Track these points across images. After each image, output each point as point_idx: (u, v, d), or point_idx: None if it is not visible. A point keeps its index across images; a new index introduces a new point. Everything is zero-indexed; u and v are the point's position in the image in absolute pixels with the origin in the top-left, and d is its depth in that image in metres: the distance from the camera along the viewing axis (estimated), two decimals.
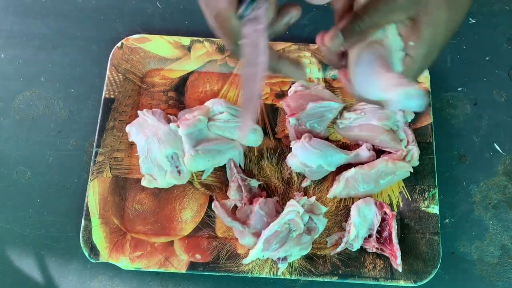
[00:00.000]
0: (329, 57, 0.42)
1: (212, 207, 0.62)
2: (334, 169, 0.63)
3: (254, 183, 0.63)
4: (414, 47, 0.37)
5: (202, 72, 0.70)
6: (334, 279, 0.60)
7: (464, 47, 0.74)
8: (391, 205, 0.64)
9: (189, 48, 0.70)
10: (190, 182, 0.65)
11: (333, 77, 0.70)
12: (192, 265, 0.60)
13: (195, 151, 0.61)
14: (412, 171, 0.63)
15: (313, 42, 0.70)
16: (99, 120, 0.66)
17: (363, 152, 0.64)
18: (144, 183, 0.62)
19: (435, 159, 0.65)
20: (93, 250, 0.60)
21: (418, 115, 0.67)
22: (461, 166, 0.68)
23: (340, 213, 0.64)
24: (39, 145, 0.67)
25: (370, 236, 0.61)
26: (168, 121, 0.65)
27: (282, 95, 0.69)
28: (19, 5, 0.75)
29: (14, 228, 0.64)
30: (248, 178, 0.63)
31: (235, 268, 0.60)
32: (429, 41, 0.36)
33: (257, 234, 0.59)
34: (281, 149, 0.67)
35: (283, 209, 0.59)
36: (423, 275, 0.60)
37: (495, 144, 0.69)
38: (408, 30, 0.37)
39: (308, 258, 0.61)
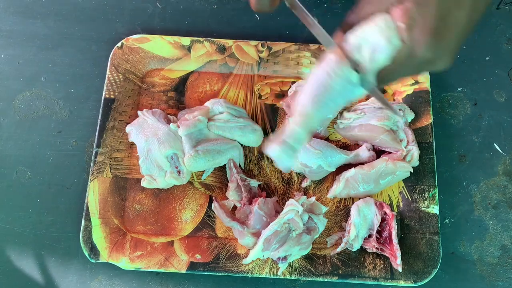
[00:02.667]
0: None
1: (212, 207, 0.62)
2: (334, 170, 0.63)
3: (254, 183, 0.63)
4: (404, 29, 0.36)
5: (202, 72, 0.70)
6: (334, 279, 0.60)
7: (464, 47, 0.74)
8: (391, 205, 0.64)
9: (189, 48, 0.70)
10: (190, 182, 0.65)
11: None
12: (192, 265, 0.60)
13: (195, 151, 0.61)
14: (412, 171, 0.63)
15: (313, 42, 0.70)
16: (99, 120, 0.66)
17: (363, 152, 0.64)
18: (144, 184, 0.62)
19: (435, 159, 0.65)
20: (93, 250, 0.60)
21: (418, 115, 0.67)
22: (461, 166, 0.68)
23: (340, 213, 0.64)
24: (39, 145, 0.67)
25: (370, 236, 0.61)
26: (168, 121, 0.65)
27: (282, 95, 0.69)
28: (19, 5, 0.75)
29: (14, 228, 0.64)
30: (248, 178, 0.63)
31: (235, 268, 0.60)
32: (415, 12, 0.35)
33: (257, 234, 0.59)
34: None
35: (282, 209, 0.59)
36: (423, 275, 0.60)
37: (495, 144, 0.69)
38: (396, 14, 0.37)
39: (308, 258, 0.61)
